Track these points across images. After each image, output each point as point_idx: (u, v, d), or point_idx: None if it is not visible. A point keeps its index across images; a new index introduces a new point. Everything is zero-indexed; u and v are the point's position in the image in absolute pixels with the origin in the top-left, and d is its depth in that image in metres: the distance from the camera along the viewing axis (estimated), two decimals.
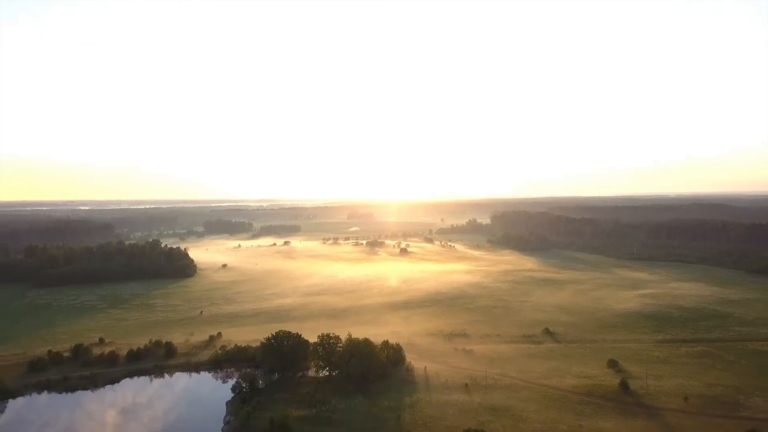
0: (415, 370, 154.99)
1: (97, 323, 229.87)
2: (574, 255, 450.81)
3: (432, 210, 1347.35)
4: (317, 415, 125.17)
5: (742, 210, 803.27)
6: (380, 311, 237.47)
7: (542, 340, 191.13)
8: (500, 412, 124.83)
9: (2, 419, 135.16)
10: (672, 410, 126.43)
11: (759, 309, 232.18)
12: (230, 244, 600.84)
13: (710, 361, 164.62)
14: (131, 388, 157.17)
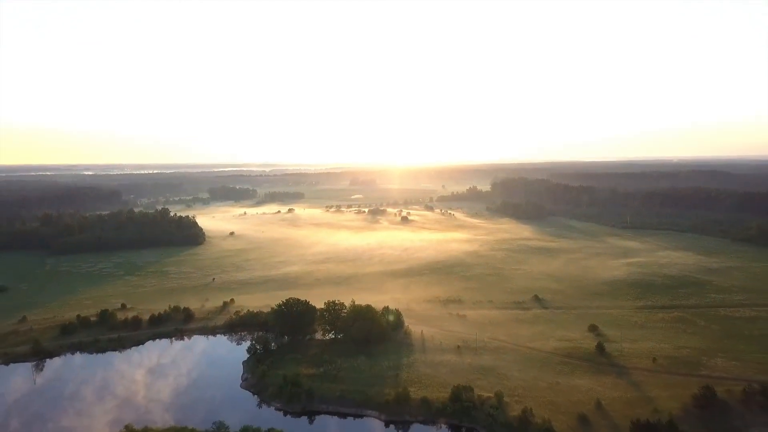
0: (413, 333, 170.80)
1: (116, 290, 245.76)
2: (569, 223, 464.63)
3: (434, 176, 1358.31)
4: (325, 373, 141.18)
5: (740, 177, 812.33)
6: (381, 279, 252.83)
7: (531, 306, 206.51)
8: (487, 371, 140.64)
9: (44, 377, 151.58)
10: (640, 369, 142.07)
11: (737, 277, 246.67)
12: (236, 211, 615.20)
13: (683, 326, 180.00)
14: (155, 349, 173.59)
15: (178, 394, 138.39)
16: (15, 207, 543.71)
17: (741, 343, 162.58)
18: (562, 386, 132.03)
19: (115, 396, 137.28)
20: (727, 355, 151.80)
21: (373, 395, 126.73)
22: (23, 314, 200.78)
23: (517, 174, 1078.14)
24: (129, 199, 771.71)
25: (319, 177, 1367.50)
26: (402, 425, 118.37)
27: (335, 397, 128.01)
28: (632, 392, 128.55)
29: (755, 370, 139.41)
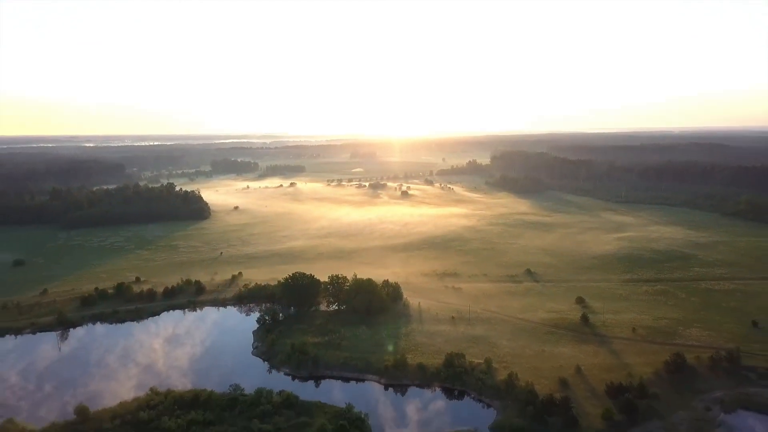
0: (411, 305, 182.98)
1: (129, 263, 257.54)
2: (566, 198, 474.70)
3: (434, 148, 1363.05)
4: (329, 341, 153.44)
5: (739, 150, 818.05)
6: (382, 253, 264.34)
7: (523, 279, 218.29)
8: (479, 340, 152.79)
9: (69, 345, 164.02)
10: (620, 338, 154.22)
11: (721, 251, 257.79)
12: (238, 185, 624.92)
13: (664, 298, 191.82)
14: (170, 320, 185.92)
15: (195, 361, 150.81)
16: (22, 180, 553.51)
17: (717, 314, 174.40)
18: (547, 354, 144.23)
19: (136, 363, 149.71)
20: (702, 326, 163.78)
21: (373, 361, 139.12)
22: (44, 287, 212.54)
23: (517, 147, 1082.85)
24: (132, 172, 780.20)
25: (319, 149, 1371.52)
26: (400, 388, 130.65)
27: (339, 364, 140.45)
28: (610, 359, 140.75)
29: (726, 338, 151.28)
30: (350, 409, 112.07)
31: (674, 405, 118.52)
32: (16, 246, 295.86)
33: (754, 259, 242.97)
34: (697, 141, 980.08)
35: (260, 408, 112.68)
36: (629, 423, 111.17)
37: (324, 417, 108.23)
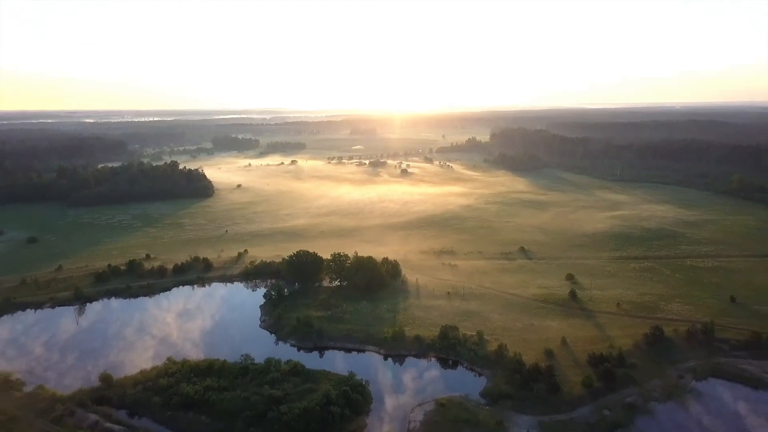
0: (409, 281, 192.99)
1: (138, 241, 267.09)
2: (563, 176, 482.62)
3: (434, 124, 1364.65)
4: (332, 315, 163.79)
5: (737, 127, 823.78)
6: (382, 232, 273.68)
7: (517, 257, 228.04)
8: (472, 314, 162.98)
9: (87, 319, 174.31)
10: (604, 313, 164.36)
11: (710, 230, 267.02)
12: (240, 162, 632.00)
13: (650, 275, 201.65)
14: (181, 295, 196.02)
15: (206, 333, 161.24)
16: (27, 158, 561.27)
17: (698, 290, 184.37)
18: (536, 327, 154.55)
19: (152, 335, 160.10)
20: (683, 301, 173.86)
21: (373, 333, 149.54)
22: (58, 263, 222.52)
23: (517, 123, 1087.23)
24: (134, 149, 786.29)
25: (319, 125, 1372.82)
26: (398, 358, 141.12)
27: (341, 336, 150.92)
28: (594, 332, 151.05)
29: (704, 313, 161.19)
30: (352, 377, 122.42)
31: (650, 373, 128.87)
32: (27, 223, 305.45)
33: (739, 237, 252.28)
34: (697, 118, 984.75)
35: (270, 375, 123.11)
36: (607, 390, 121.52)
37: (328, 383, 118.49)
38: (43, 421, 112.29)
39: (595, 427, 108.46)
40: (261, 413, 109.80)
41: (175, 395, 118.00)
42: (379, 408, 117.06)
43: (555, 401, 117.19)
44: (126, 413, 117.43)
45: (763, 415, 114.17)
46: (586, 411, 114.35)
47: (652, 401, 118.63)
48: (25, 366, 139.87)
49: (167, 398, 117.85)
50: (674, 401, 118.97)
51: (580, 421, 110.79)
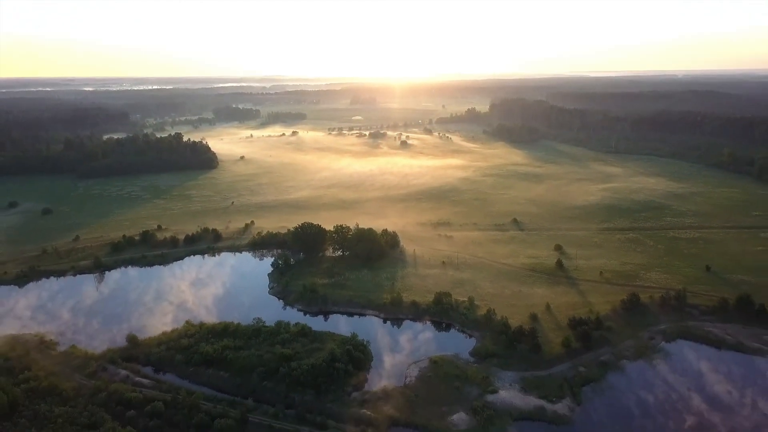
0: (407, 251, 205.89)
1: (148, 212, 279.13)
2: (559, 148, 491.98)
3: (435, 93, 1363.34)
4: (335, 282, 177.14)
5: (737, 98, 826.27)
6: (381, 204, 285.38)
7: (509, 228, 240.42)
8: (465, 282, 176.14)
9: (108, 287, 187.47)
10: (587, 281, 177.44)
11: (696, 202, 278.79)
12: (242, 133, 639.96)
13: (633, 246, 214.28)
14: (193, 264, 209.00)
15: (219, 299, 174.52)
16: (32, 128, 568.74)
17: (677, 259, 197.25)
18: (523, 293, 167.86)
19: (169, 301, 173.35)
20: (662, 270, 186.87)
21: (374, 299, 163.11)
22: (75, 234, 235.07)
23: (517, 93, 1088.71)
24: (136, 119, 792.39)
25: (319, 95, 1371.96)
26: (396, 321, 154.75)
27: (344, 301, 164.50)
28: (577, 298, 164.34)
29: (679, 281, 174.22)
30: (354, 338, 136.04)
31: (624, 335, 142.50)
32: (39, 195, 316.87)
33: (722, 209, 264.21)
34: (697, 88, 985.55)
35: (280, 336, 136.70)
36: (584, 349, 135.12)
37: (333, 343, 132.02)
38: (80, 376, 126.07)
39: (570, 382, 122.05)
40: (273, 369, 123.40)
41: (195, 354, 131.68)
42: (378, 365, 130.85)
43: (536, 359, 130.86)
44: (152, 369, 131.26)
45: (722, 372, 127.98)
46: (563, 368, 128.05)
47: (623, 359, 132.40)
48: (56, 329, 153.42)
49: (189, 356, 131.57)
50: (643, 359, 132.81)
51: (557, 376, 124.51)
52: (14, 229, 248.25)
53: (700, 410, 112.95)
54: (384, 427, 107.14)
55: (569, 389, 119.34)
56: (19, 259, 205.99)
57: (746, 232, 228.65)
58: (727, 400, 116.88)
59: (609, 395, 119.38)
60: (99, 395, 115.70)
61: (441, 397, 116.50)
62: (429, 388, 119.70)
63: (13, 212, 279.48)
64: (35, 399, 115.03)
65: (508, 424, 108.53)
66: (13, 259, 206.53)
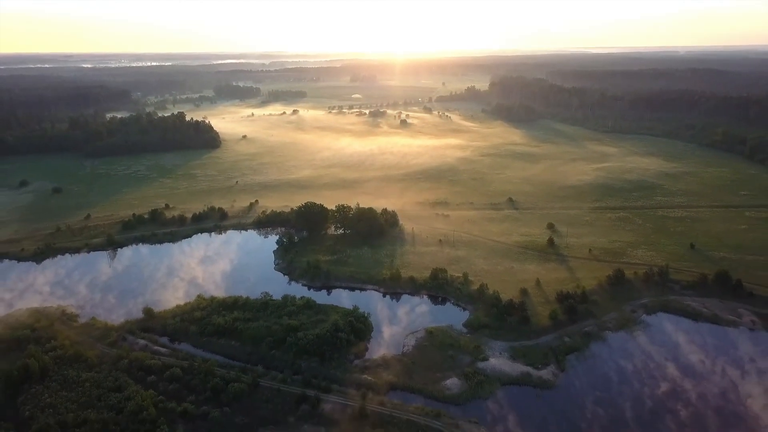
0: (405, 230, 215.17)
1: (155, 191, 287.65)
2: (557, 127, 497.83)
3: (435, 70, 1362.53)
4: (337, 259, 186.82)
5: (737, 76, 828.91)
6: (381, 184, 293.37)
7: (504, 207, 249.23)
8: (460, 259, 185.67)
9: (121, 263, 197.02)
10: (576, 258, 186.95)
11: (687, 181, 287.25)
12: (243, 112, 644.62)
13: (622, 224, 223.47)
14: (201, 241, 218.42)
15: (227, 275, 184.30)
16: (35, 107, 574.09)
17: (664, 237, 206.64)
18: (515, 270, 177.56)
19: (180, 277, 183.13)
20: (648, 247, 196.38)
21: (374, 275, 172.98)
22: (86, 212, 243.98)
23: (518, 70, 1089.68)
24: (137, 97, 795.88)
25: (319, 72, 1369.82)
26: (395, 296, 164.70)
27: (346, 276, 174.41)
28: (565, 274, 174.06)
29: (663, 257, 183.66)
30: (356, 310, 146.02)
31: (607, 309, 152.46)
32: (48, 174, 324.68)
33: (712, 188, 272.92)
34: (697, 66, 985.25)
35: (287, 309, 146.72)
36: (570, 321, 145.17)
37: (336, 315, 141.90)
38: (102, 345, 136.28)
39: (555, 351, 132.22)
40: (281, 339, 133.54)
41: (208, 325, 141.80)
42: (378, 335, 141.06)
43: (525, 330, 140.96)
44: (168, 339, 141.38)
45: (697, 342, 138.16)
46: (549, 338, 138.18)
47: (606, 331, 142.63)
48: (76, 302, 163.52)
49: (202, 327, 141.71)
50: (625, 330, 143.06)
51: (543, 345, 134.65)
52: (27, 208, 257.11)
53: (674, 377, 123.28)
54: (383, 390, 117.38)
55: (554, 357, 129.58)
56: (35, 236, 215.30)
57: (733, 211, 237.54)
58: (699, 368, 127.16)
59: (591, 363, 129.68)
60: (121, 362, 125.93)
61: (436, 364, 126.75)
62: (425, 356, 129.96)
63: (25, 191, 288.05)
64: (63, 365, 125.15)
65: (496, 388, 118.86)
66: (28, 236, 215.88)
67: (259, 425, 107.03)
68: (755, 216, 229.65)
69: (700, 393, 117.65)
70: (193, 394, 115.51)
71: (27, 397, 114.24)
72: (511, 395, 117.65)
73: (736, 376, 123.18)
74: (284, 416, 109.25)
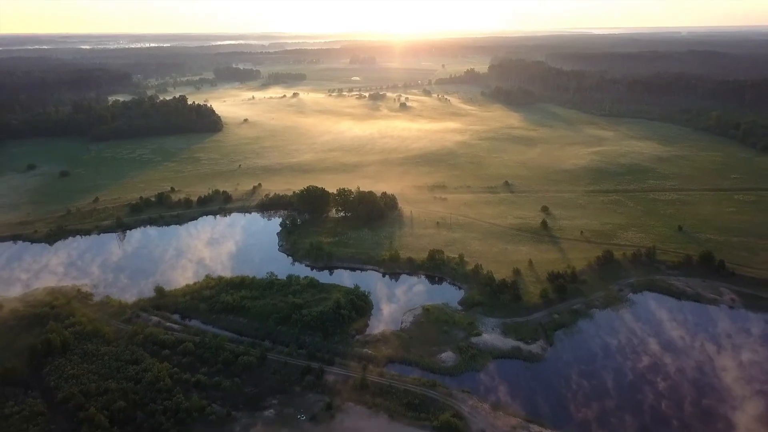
0: (404, 213, 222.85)
1: (161, 174, 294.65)
2: (554, 110, 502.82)
3: (435, 52, 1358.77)
4: (339, 241, 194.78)
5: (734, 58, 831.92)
6: (381, 168, 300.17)
7: (500, 190, 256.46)
8: (456, 240, 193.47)
9: (131, 245, 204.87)
10: (568, 239, 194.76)
11: (679, 165, 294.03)
12: (244, 95, 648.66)
13: (614, 207, 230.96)
14: (207, 224, 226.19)
15: (233, 256, 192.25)
16: (37, 90, 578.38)
17: (653, 220, 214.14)
18: (509, 251, 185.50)
19: (188, 257, 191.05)
20: (638, 229, 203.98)
21: (374, 256, 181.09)
22: (94, 195, 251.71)
23: (518, 52, 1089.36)
24: (138, 80, 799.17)
25: (318, 54, 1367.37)
26: (394, 275, 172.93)
27: (347, 257, 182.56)
28: (557, 255, 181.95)
29: (652, 239, 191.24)
30: (357, 289, 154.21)
31: (596, 288, 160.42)
32: (54, 158, 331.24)
33: (703, 172, 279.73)
34: (696, 48, 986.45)
35: (291, 288, 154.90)
36: (559, 299, 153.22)
37: (338, 293, 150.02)
38: (117, 322, 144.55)
39: (544, 327, 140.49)
40: (286, 316, 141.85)
41: (217, 303, 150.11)
42: (378, 312, 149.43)
43: (516, 308, 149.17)
44: (179, 316, 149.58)
45: (678, 319, 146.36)
46: (540, 315, 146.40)
47: (593, 308, 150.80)
48: (90, 282, 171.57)
49: (211, 305, 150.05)
50: (611, 308, 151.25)
51: (534, 322, 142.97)
52: (36, 191, 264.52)
53: (655, 352, 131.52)
54: (382, 363, 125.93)
55: (543, 333, 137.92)
56: (47, 219, 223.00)
57: (722, 194, 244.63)
58: (679, 343, 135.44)
59: (577, 338, 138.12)
60: (137, 337, 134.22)
61: (432, 339, 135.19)
62: (421, 331, 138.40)
63: (33, 174, 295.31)
64: (82, 340, 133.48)
65: (488, 361, 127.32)
66: (40, 219, 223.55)
67: (267, 394, 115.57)
68: (743, 199, 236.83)
69: (679, 367, 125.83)
70: (205, 366, 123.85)
71: (51, 369, 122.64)
72: (502, 368, 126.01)
73: (713, 351, 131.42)
74: (291, 386, 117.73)
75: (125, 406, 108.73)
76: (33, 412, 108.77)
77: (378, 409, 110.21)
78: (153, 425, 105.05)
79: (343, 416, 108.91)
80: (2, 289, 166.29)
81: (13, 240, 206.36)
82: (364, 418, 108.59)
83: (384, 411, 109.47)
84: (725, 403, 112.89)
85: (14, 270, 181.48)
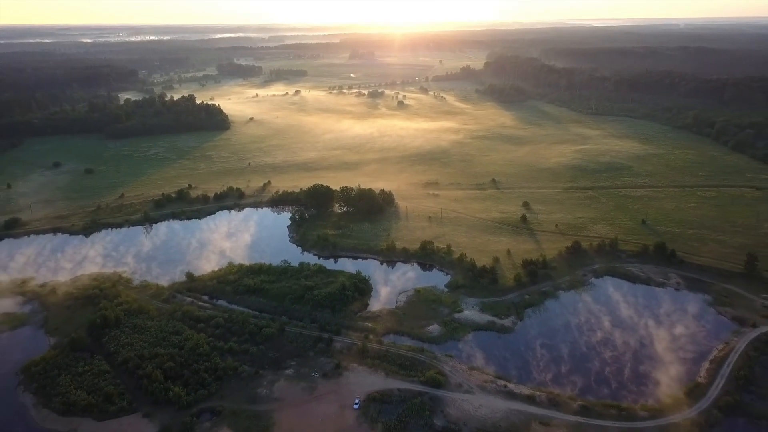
0: (400, 208, 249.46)
1: (177, 172, 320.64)
2: (544, 109, 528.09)
3: (432, 47, 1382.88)
4: (342, 233, 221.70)
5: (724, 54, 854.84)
6: (380, 166, 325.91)
7: (487, 187, 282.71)
8: (445, 233, 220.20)
9: (158, 237, 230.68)
10: (543, 232, 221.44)
11: (653, 163, 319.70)
12: (248, 92, 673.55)
13: (588, 202, 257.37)
14: (223, 218, 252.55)
15: (249, 246, 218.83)
16: (47, 87, 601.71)
17: (622, 214, 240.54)
18: (491, 242, 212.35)
19: (210, 248, 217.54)
20: (607, 222, 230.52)
21: (373, 246, 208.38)
22: (119, 192, 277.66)
23: (513, 48, 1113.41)
24: (143, 76, 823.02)
25: (318, 48, 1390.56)
26: (390, 263, 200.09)
27: (350, 247, 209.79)
28: (532, 245, 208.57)
29: (617, 231, 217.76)
30: (359, 274, 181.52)
31: (563, 273, 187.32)
32: (76, 155, 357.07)
33: (674, 170, 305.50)
34: (689, 44, 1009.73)
35: (303, 273, 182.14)
36: (531, 283, 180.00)
37: (343, 278, 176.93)
38: (157, 302, 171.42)
39: (517, 305, 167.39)
40: (300, 296, 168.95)
41: (240, 285, 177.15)
42: (376, 294, 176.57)
43: (494, 289, 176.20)
44: (208, 297, 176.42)
45: (630, 300, 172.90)
46: (513, 295, 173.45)
47: (559, 290, 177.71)
48: (128, 269, 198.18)
49: (235, 287, 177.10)
50: (575, 290, 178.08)
51: (508, 301, 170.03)
52: (67, 188, 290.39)
53: (606, 327, 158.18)
54: (380, 334, 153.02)
55: (515, 310, 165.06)
56: (80, 213, 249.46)
57: (687, 191, 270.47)
58: (627, 320, 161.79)
59: (543, 314, 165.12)
60: (176, 313, 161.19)
61: (421, 315, 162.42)
62: (413, 309, 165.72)
63: (60, 171, 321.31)
64: (131, 316, 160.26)
65: (468, 332, 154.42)
66: (74, 213, 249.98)
67: (287, 357, 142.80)
68: (704, 195, 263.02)
69: (624, 340, 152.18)
70: (234, 336, 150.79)
71: (109, 338, 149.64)
72: (478, 338, 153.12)
73: (653, 326, 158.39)
74: (306, 351, 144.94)
75: (174, 366, 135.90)
76: (100, 370, 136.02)
77: (377, 369, 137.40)
78: (198, 380, 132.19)
79: (349, 374, 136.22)
80: (52, 275, 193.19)
81: (53, 232, 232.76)
82: (366, 375, 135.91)
83: (381, 370, 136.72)
84: (655, 368, 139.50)
85: (59, 260, 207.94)
